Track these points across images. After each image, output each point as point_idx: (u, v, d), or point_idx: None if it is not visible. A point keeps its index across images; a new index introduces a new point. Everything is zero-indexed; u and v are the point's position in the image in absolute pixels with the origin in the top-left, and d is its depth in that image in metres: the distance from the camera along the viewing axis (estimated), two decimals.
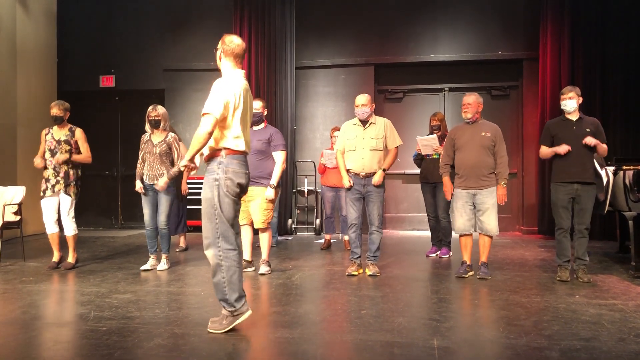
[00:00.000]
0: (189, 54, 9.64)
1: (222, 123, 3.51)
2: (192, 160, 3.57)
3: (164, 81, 9.78)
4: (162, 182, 5.56)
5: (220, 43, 3.68)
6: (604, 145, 5.07)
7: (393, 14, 9.22)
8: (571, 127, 5.11)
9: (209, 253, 3.53)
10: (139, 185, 5.72)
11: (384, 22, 9.25)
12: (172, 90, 9.74)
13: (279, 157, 5.50)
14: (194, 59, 9.60)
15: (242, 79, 3.66)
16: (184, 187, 7.08)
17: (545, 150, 5.26)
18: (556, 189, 5.16)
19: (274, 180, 5.44)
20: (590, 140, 4.96)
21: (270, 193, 5.41)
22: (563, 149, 5.03)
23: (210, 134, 3.45)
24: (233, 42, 3.66)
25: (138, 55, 9.86)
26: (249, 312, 3.57)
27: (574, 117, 5.13)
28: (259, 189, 5.40)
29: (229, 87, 3.51)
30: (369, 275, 5.39)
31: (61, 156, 5.70)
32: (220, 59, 3.69)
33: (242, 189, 3.60)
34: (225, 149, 3.53)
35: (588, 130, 5.05)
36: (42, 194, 5.77)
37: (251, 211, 5.47)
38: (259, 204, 5.42)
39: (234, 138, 3.54)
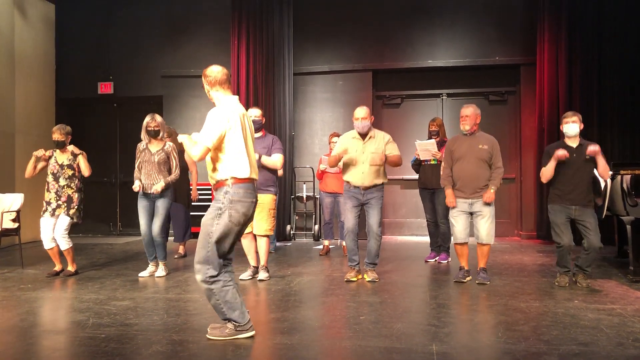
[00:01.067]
0: (187, 61, 9.66)
1: (221, 152, 3.50)
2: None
3: (162, 88, 9.79)
4: (158, 187, 5.58)
5: (202, 78, 3.67)
6: (604, 162, 4.98)
7: (390, 20, 9.25)
8: (571, 154, 5.03)
9: (198, 278, 3.52)
10: (137, 184, 5.72)
11: (381, 28, 9.28)
12: (170, 97, 9.75)
13: (277, 156, 5.52)
14: (192, 66, 9.61)
15: (237, 104, 3.64)
16: (194, 193, 7.10)
17: (545, 169, 5.12)
18: (554, 209, 5.13)
19: (264, 158, 5.39)
20: (593, 149, 4.92)
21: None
22: (562, 153, 4.94)
23: (199, 159, 3.49)
24: (213, 71, 3.63)
25: (136, 62, 9.88)
26: (252, 333, 3.57)
27: (574, 143, 5.08)
28: (265, 197, 5.42)
29: (222, 116, 3.48)
30: (368, 281, 5.39)
31: (75, 196, 5.79)
32: (209, 92, 3.67)
33: (248, 218, 3.57)
34: (231, 177, 3.50)
35: (588, 157, 5.00)
36: (42, 213, 5.81)
37: (256, 219, 5.46)
38: (265, 211, 5.43)
39: (238, 165, 3.51)
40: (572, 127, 5.06)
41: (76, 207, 5.82)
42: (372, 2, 9.33)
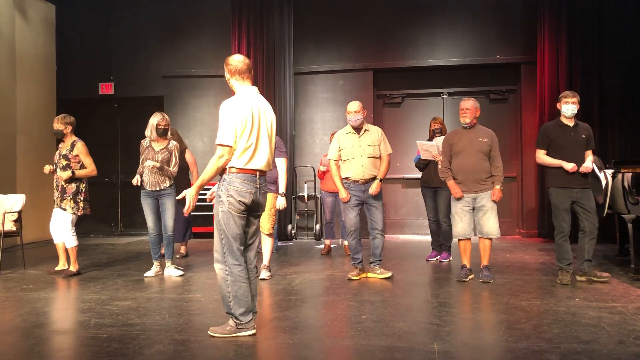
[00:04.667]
0: (187, 61, 9.67)
1: None
2: (199, 189, 3.56)
3: (163, 88, 9.79)
4: (150, 163, 5.57)
5: (224, 66, 3.71)
6: (591, 158, 5.14)
7: (391, 19, 9.25)
8: (569, 133, 5.14)
9: (216, 267, 3.61)
10: (136, 178, 5.73)
11: (381, 28, 9.28)
12: (171, 97, 9.76)
13: (282, 163, 5.54)
14: (192, 66, 9.63)
15: (253, 94, 3.65)
16: None
17: (546, 159, 5.23)
18: (556, 192, 5.17)
19: (283, 188, 5.52)
20: (586, 168, 5.01)
21: (282, 202, 5.50)
22: (571, 167, 5.03)
23: (228, 161, 3.51)
24: (234, 59, 3.69)
25: (137, 62, 9.89)
26: (253, 332, 3.59)
27: (570, 122, 5.17)
28: (267, 195, 5.43)
29: (234, 110, 3.51)
30: (382, 278, 5.44)
31: (63, 174, 5.74)
32: (228, 81, 3.73)
33: (248, 206, 3.58)
34: (230, 167, 3.55)
35: (584, 136, 5.12)
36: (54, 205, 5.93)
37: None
38: (267, 210, 5.44)
39: (241, 156, 3.54)
40: (569, 107, 5.12)
41: (70, 198, 5.79)
42: (373, 1, 9.33)
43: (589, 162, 5.04)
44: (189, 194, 3.61)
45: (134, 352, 3.30)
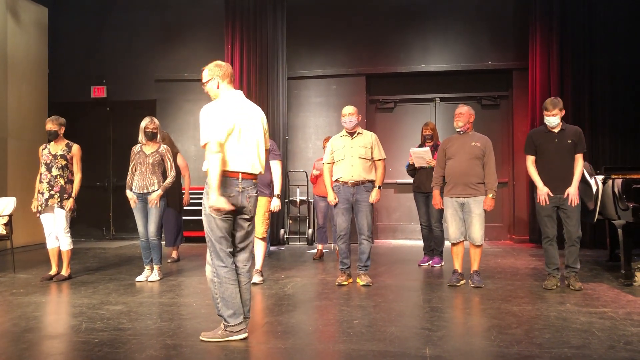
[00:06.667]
0: (180, 65, 9.66)
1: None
2: (218, 191, 3.42)
3: (156, 92, 9.78)
4: (154, 196, 5.58)
5: (212, 69, 3.72)
6: (579, 170, 5.11)
7: (384, 24, 9.30)
8: (553, 140, 5.16)
9: (207, 269, 3.66)
10: (131, 196, 5.71)
11: (374, 33, 9.32)
12: (163, 101, 9.74)
13: (277, 166, 5.54)
14: (185, 70, 9.62)
15: (237, 98, 3.70)
16: (186, 197, 7.09)
17: (530, 172, 5.29)
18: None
19: (278, 190, 5.51)
20: (572, 196, 5.03)
21: (277, 204, 5.49)
22: (543, 193, 5.09)
23: (219, 154, 3.43)
24: (224, 64, 3.76)
25: (129, 66, 9.87)
26: (243, 336, 3.59)
27: (556, 129, 5.18)
28: (259, 199, 5.42)
29: (217, 112, 3.54)
30: (362, 285, 5.39)
31: (67, 204, 5.75)
32: (208, 81, 3.72)
33: (229, 210, 3.53)
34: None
35: (570, 142, 5.11)
36: (38, 207, 5.77)
37: None
38: (260, 214, 5.42)
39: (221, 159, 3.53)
40: (552, 120, 5.14)
41: (67, 198, 5.77)
42: (366, 7, 9.38)
43: (573, 188, 5.02)
44: (217, 202, 3.43)
45: (125, 356, 3.28)
